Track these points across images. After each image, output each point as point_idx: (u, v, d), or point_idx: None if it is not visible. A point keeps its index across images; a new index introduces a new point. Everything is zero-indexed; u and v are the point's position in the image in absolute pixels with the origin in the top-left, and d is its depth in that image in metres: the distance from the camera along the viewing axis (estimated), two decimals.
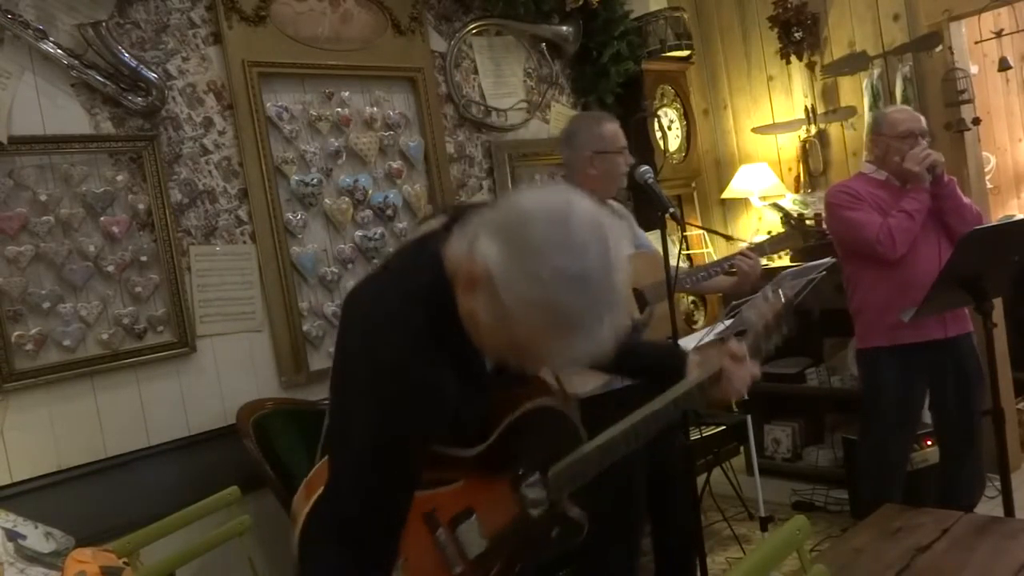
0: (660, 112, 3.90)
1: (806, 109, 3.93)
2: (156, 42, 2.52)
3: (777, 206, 3.87)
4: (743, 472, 3.56)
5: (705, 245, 4.14)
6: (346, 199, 2.92)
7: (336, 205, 2.89)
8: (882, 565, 1.61)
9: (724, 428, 3.36)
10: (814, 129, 3.92)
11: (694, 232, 4.05)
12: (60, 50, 2.29)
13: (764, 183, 4.01)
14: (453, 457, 1.31)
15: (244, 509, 2.15)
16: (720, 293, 2.76)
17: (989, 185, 4.33)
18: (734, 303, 2.65)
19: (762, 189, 4.01)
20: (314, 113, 2.87)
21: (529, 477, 1.39)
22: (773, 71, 4.09)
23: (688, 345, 2.66)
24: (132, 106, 2.41)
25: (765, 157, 4.14)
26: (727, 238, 3.21)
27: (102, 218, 2.38)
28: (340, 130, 2.93)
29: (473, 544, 1.32)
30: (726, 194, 4.18)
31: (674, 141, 4.00)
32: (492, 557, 1.34)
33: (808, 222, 3.06)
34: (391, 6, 3.07)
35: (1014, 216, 4.51)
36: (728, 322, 2.74)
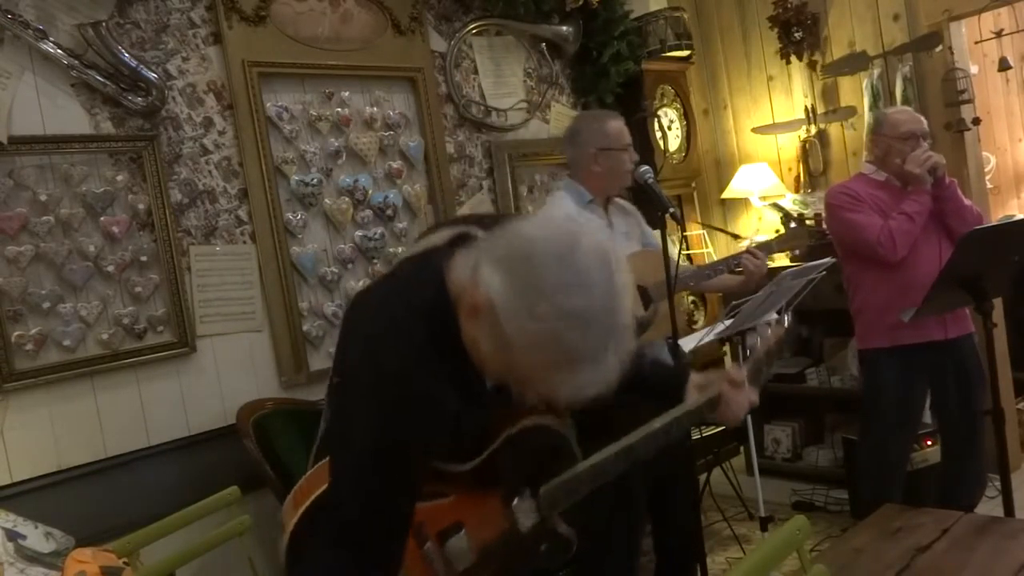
0: (660, 112, 3.90)
1: (806, 109, 3.93)
2: (156, 42, 2.52)
3: (777, 206, 3.89)
4: (743, 472, 3.56)
5: (705, 245, 4.14)
6: (346, 199, 2.92)
7: (336, 205, 2.89)
8: (882, 565, 1.61)
9: (724, 428, 3.35)
10: (814, 129, 3.92)
11: (694, 232, 4.05)
12: (60, 50, 2.29)
13: (764, 183, 4.01)
14: (446, 472, 1.31)
15: (244, 509, 2.15)
16: (727, 291, 2.75)
17: (989, 185, 4.33)
18: (734, 303, 2.65)
19: (762, 189, 4.01)
20: (314, 113, 2.87)
21: (520, 494, 1.39)
22: (773, 71, 4.09)
23: (688, 345, 2.67)
24: (132, 106, 2.41)
25: (765, 157, 4.14)
26: (734, 236, 3.21)
27: (102, 218, 2.38)
28: (340, 130, 2.93)
29: (461, 558, 1.32)
30: (726, 194, 4.18)
31: (674, 141, 4.00)
32: (479, 571, 1.35)
33: (808, 222, 3.07)
34: (391, 6, 3.07)
35: (1014, 216, 4.51)
36: (728, 322, 2.74)
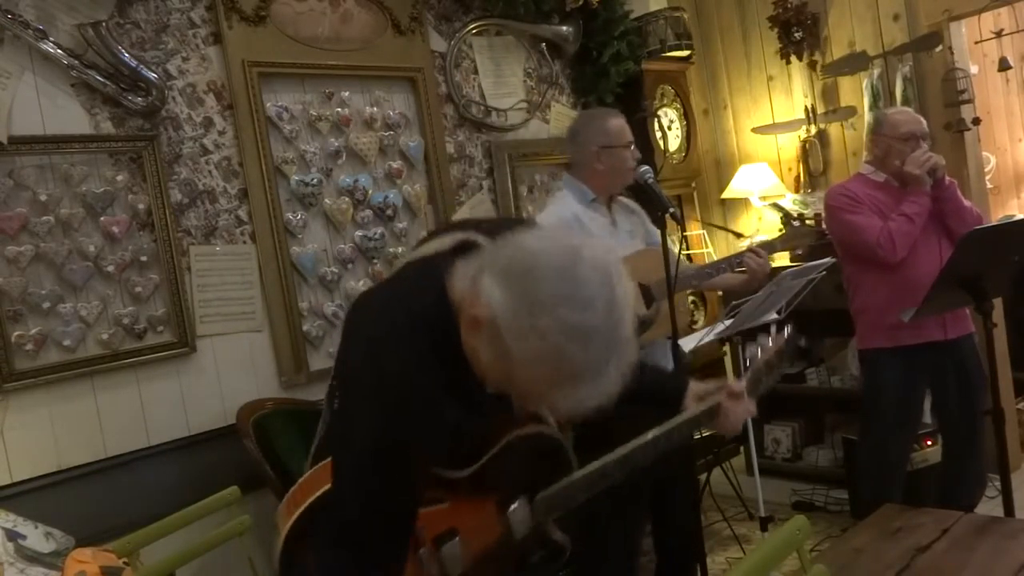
0: (660, 112, 3.90)
1: (806, 109, 3.93)
2: (156, 42, 2.52)
3: (777, 206, 3.88)
4: (743, 472, 3.56)
5: (705, 245, 4.14)
6: (346, 199, 2.92)
7: (336, 205, 2.89)
8: (882, 565, 1.61)
9: None
10: (814, 129, 3.92)
11: (694, 232, 4.05)
12: (60, 50, 2.29)
13: (764, 183, 4.01)
14: (443, 477, 1.31)
15: (244, 509, 2.15)
16: (730, 290, 2.74)
17: (989, 185, 4.33)
18: (734, 303, 2.65)
19: (762, 189, 4.01)
20: (314, 113, 2.87)
21: (516, 501, 1.39)
22: (773, 71, 4.08)
23: (688, 345, 2.67)
24: (132, 106, 2.41)
25: (765, 157, 4.14)
26: (737, 235, 3.20)
27: (102, 218, 2.38)
28: (340, 130, 2.93)
29: (455, 564, 1.32)
30: (726, 194, 4.18)
31: (674, 141, 4.00)
32: None
33: (808, 222, 3.06)
34: (391, 6, 3.07)
35: (1014, 216, 4.51)
36: (728, 322, 2.74)
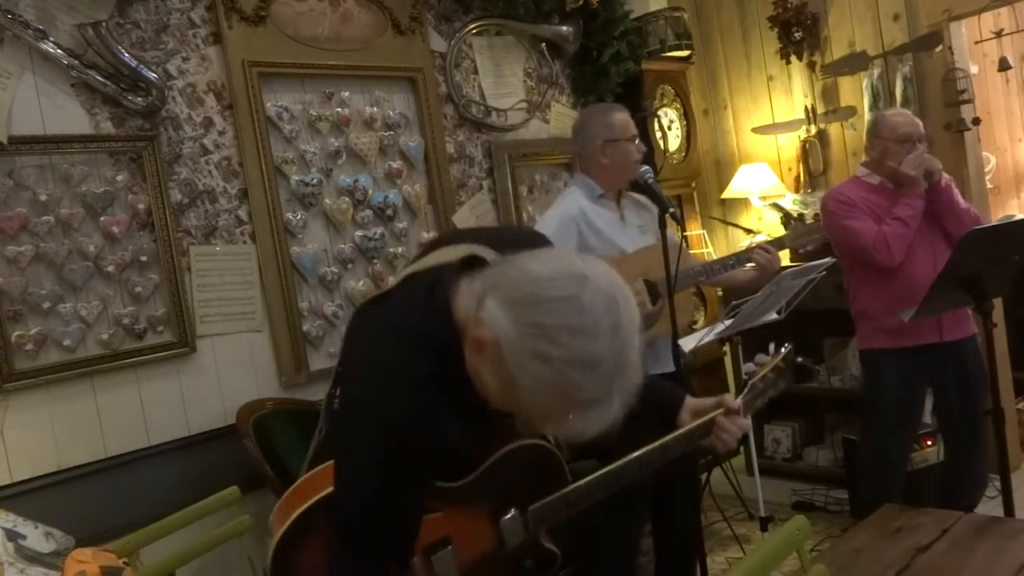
0: (660, 112, 3.90)
1: (806, 109, 3.93)
2: (156, 42, 2.52)
3: (777, 206, 3.88)
4: (743, 472, 3.55)
5: (705, 245, 4.14)
6: (346, 199, 2.92)
7: (336, 205, 2.89)
8: (882, 565, 1.61)
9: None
10: (814, 129, 3.92)
11: (694, 232, 4.05)
12: (60, 50, 2.29)
13: (764, 183, 4.01)
14: (438, 488, 1.31)
15: (244, 509, 2.15)
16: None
17: (989, 185, 4.33)
18: (734, 303, 2.65)
19: (762, 189, 4.01)
20: (314, 113, 2.87)
21: (510, 511, 1.40)
22: (773, 71, 4.08)
23: (688, 345, 2.67)
24: (132, 106, 2.41)
25: (765, 157, 4.14)
26: (747, 231, 3.20)
27: (102, 218, 2.38)
28: (340, 130, 2.93)
29: (449, 572, 1.33)
30: (726, 194, 4.18)
31: (674, 141, 4.00)
32: None
33: (808, 222, 3.06)
34: (391, 6, 3.07)
35: (1014, 216, 4.51)
36: (728, 322, 2.74)
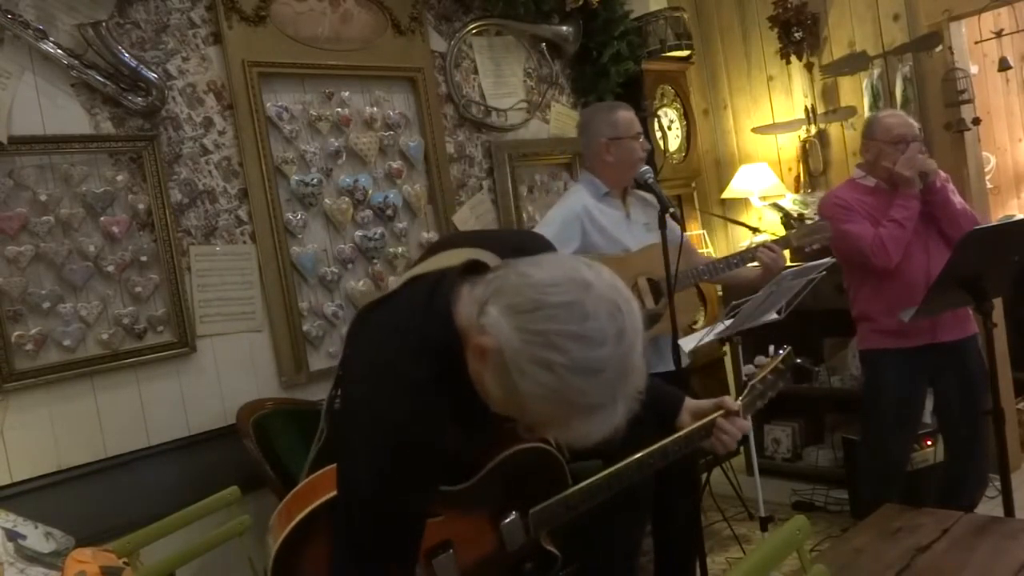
0: (660, 112, 3.90)
1: (806, 109, 3.93)
2: (156, 42, 2.52)
3: (777, 206, 3.88)
4: (743, 472, 3.55)
5: (705, 245, 4.14)
6: (346, 199, 2.91)
7: (336, 205, 2.89)
8: (882, 565, 1.61)
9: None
10: (814, 129, 3.92)
11: (694, 232, 4.04)
12: (60, 50, 2.29)
13: (764, 183, 4.01)
14: (439, 492, 1.31)
15: (244, 509, 2.15)
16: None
17: (989, 185, 4.33)
18: (734, 303, 2.64)
19: (762, 189, 4.01)
20: (314, 113, 2.87)
21: (510, 514, 1.40)
22: (773, 71, 4.08)
23: (688, 345, 2.67)
24: (132, 106, 2.41)
25: (765, 157, 4.14)
26: (753, 230, 3.19)
27: (102, 218, 2.38)
28: (340, 130, 2.93)
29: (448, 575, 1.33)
30: (726, 194, 4.18)
31: (674, 141, 4.00)
32: None
33: (808, 222, 3.06)
34: (391, 6, 3.07)
35: (1014, 216, 4.51)
36: (728, 322, 2.73)
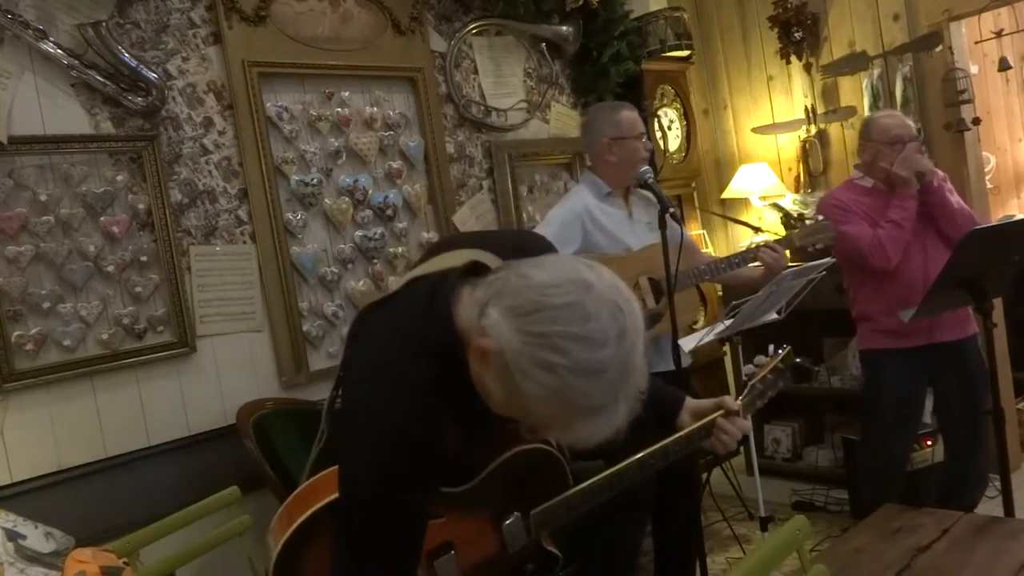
0: (660, 112, 3.90)
1: (806, 109, 3.93)
2: (156, 42, 2.52)
3: (777, 206, 3.88)
4: (743, 472, 3.55)
5: (705, 245, 4.14)
6: (346, 199, 2.91)
7: (336, 205, 2.88)
8: (882, 565, 1.61)
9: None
10: (814, 129, 3.92)
11: (694, 232, 4.04)
12: (60, 50, 2.29)
13: (764, 183, 4.01)
14: (441, 493, 1.31)
15: (244, 509, 2.15)
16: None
17: (989, 185, 4.33)
18: (734, 303, 2.64)
19: (762, 189, 4.01)
20: (314, 113, 2.87)
21: (512, 515, 1.40)
22: (773, 71, 4.08)
23: (688, 345, 2.67)
24: (132, 106, 2.41)
25: (765, 157, 4.14)
26: (756, 229, 3.19)
27: (102, 218, 2.38)
28: (340, 130, 2.93)
29: None
30: (726, 194, 4.18)
31: (674, 141, 4.00)
32: None
33: (808, 222, 3.05)
34: (391, 6, 3.07)
35: (1014, 216, 4.51)
36: (728, 322, 2.73)
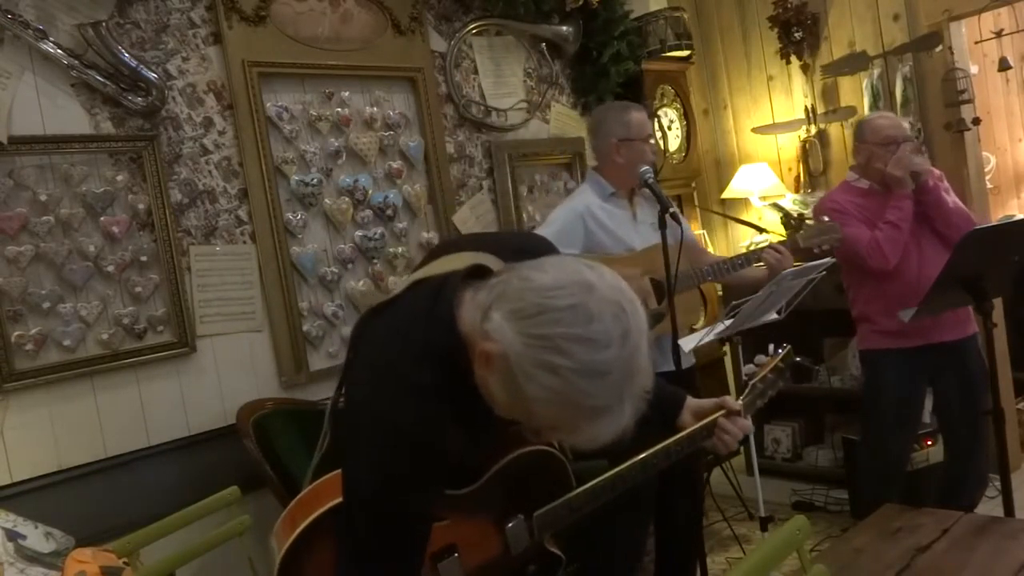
0: (660, 112, 3.90)
1: (806, 109, 3.93)
2: (156, 42, 2.52)
3: (777, 206, 3.88)
4: (743, 472, 3.56)
5: (705, 245, 4.14)
6: (346, 199, 2.91)
7: (336, 205, 2.88)
8: (882, 565, 1.61)
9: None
10: (814, 129, 3.92)
11: (694, 232, 4.04)
12: (60, 50, 2.29)
13: (764, 183, 4.01)
14: (444, 496, 1.31)
15: (244, 509, 2.15)
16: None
17: (989, 185, 4.33)
18: (734, 303, 2.64)
19: (762, 189, 4.01)
20: (314, 113, 2.87)
21: (515, 518, 1.40)
22: (773, 71, 4.08)
23: (688, 345, 2.67)
24: (132, 106, 2.41)
25: (765, 157, 4.14)
26: (760, 230, 3.19)
27: (102, 218, 2.38)
28: (340, 130, 2.93)
29: None
30: (726, 194, 4.18)
31: (674, 141, 4.00)
32: None
33: (808, 222, 3.06)
34: (391, 6, 3.07)
35: (1014, 216, 4.51)
36: (728, 322, 2.73)
